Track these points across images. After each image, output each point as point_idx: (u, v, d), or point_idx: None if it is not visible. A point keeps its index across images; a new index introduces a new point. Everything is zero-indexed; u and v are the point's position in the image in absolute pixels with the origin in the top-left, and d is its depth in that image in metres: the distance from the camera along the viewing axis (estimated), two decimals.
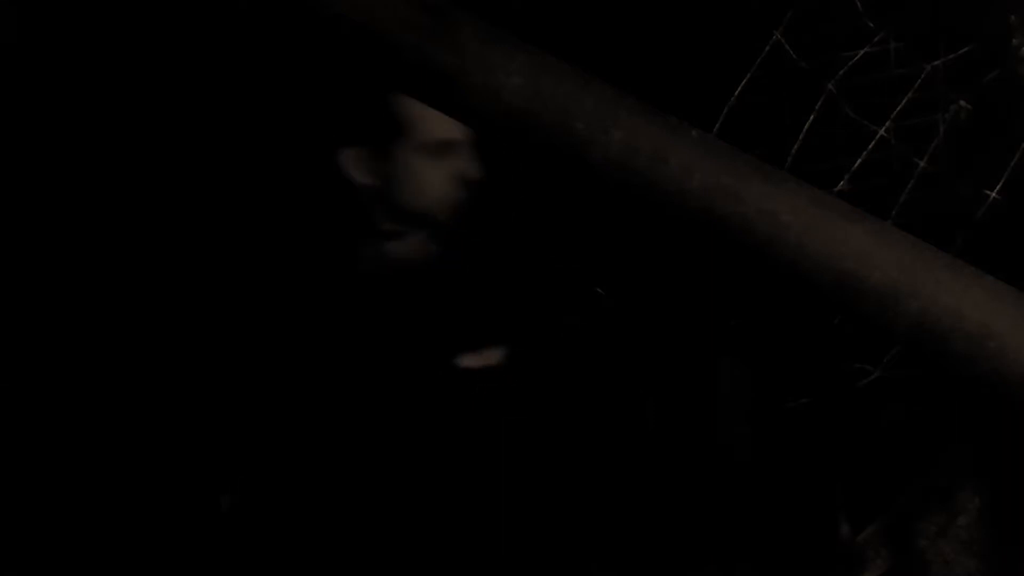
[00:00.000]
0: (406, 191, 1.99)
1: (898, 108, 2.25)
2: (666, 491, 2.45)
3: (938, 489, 2.38)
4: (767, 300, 2.30)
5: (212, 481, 2.05)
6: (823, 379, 2.38)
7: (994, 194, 2.25)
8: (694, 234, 1.82)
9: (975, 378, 1.80)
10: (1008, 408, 1.85)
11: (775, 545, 2.45)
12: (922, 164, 2.25)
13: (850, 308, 1.81)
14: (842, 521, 2.43)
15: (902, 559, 2.38)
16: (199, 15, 2.33)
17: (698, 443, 2.51)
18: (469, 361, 2.23)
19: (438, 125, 1.98)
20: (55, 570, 2.18)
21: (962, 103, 2.29)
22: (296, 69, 2.13)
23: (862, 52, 2.23)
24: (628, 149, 1.76)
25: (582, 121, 1.75)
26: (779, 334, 2.41)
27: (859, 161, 2.22)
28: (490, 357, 2.28)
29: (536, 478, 2.33)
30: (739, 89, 2.14)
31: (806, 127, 2.19)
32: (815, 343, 2.35)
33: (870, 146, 2.24)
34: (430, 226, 2.00)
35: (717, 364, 2.51)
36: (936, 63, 2.26)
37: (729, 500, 2.46)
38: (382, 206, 2.03)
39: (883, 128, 2.24)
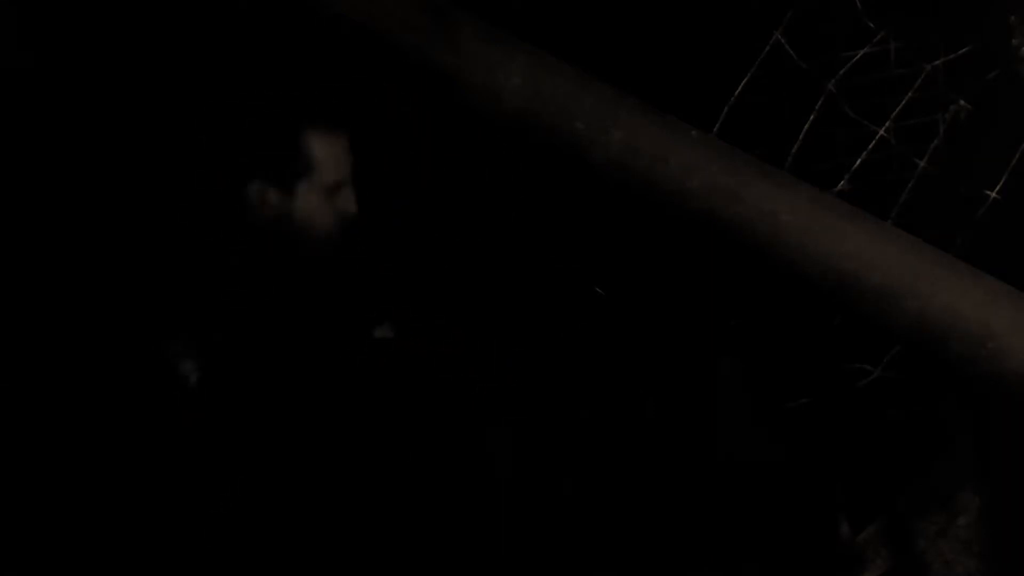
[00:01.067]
0: (298, 227, 2.10)
1: (898, 108, 2.25)
2: (666, 491, 2.45)
3: (938, 489, 2.38)
4: (767, 300, 2.30)
5: (211, 481, 2.05)
6: (823, 379, 2.38)
7: (994, 194, 2.25)
8: (694, 234, 1.82)
9: (975, 378, 1.80)
10: (1008, 408, 1.85)
11: (775, 545, 2.45)
12: (922, 164, 2.25)
13: (850, 308, 1.82)
14: (842, 521, 2.43)
15: (902, 559, 2.38)
16: (199, 15, 2.33)
17: (698, 443, 2.51)
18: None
19: (333, 168, 2.07)
20: (55, 570, 2.18)
21: (962, 103, 2.29)
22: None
23: (862, 52, 2.23)
24: (628, 149, 1.76)
25: (582, 121, 1.75)
26: (779, 334, 2.41)
27: (859, 161, 2.22)
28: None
29: (537, 478, 2.33)
30: (739, 89, 2.15)
31: (806, 127, 2.19)
32: (815, 343, 2.35)
33: (870, 146, 2.24)
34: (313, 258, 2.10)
35: (717, 364, 2.51)
36: (936, 63, 2.26)
37: (729, 500, 2.46)
38: (275, 238, 2.11)
39: (883, 128, 2.24)
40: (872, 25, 2.22)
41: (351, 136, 2.18)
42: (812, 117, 2.20)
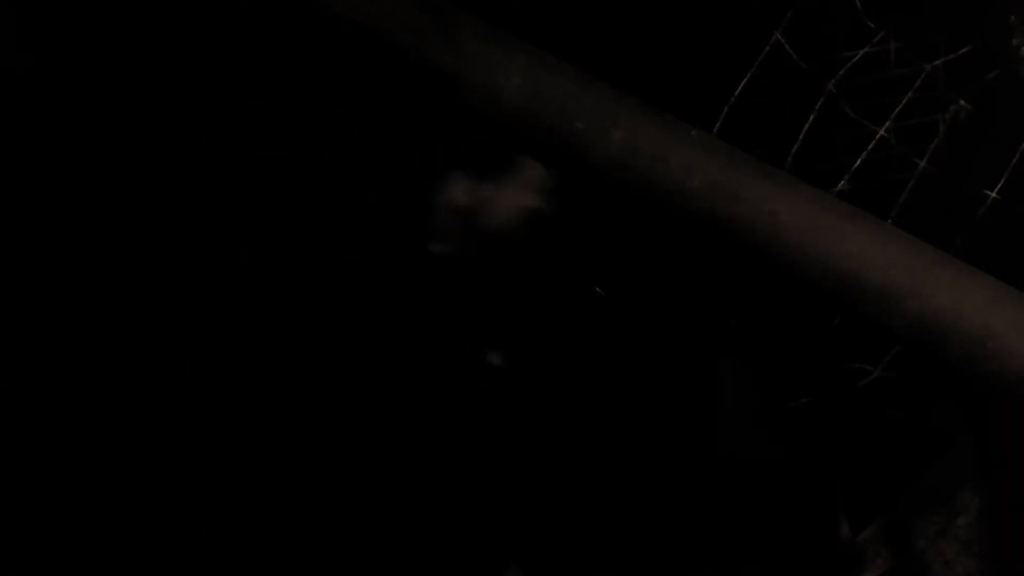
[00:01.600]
0: (491, 217, 2.14)
1: (898, 108, 2.25)
2: (666, 491, 2.45)
3: (938, 489, 2.38)
4: (767, 300, 2.30)
5: (211, 481, 2.06)
6: (823, 379, 2.38)
7: (994, 194, 2.25)
8: (694, 234, 1.82)
9: (975, 378, 1.80)
10: (1008, 408, 1.85)
11: (775, 545, 2.45)
12: (922, 164, 2.25)
13: (850, 308, 1.82)
14: (842, 521, 2.43)
15: (902, 559, 2.38)
16: (200, 15, 2.33)
17: (698, 443, 2.51)
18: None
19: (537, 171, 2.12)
20: (55, 570, 2.18)
21: (962, 103, 2.29)
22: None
23: (862, 52, 2.23)
24: (628, 149, 1.76)
25: (582, 121, 1.75)
26: (779, 334, 2.41)
27: (859, 161, 2.22)
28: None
29: (537, 478, 2.33)
30: (739, 89, 2.14)
31: (806, 127, 2.19)
32: (815, 343, 2.35)
33: (870, 146, 2.24)
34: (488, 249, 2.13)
35: (717, 364, 2.51)
36: (936, 63, 2.26)
37: (729, 500, 2.46)
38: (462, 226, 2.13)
39: (883, 128, 2.24)
40: (872, 25, 2.22)
41: (354, 135, 2.19)
42: (812, 117, 2.20)
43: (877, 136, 2.24)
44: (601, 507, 2.40)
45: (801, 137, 2.18)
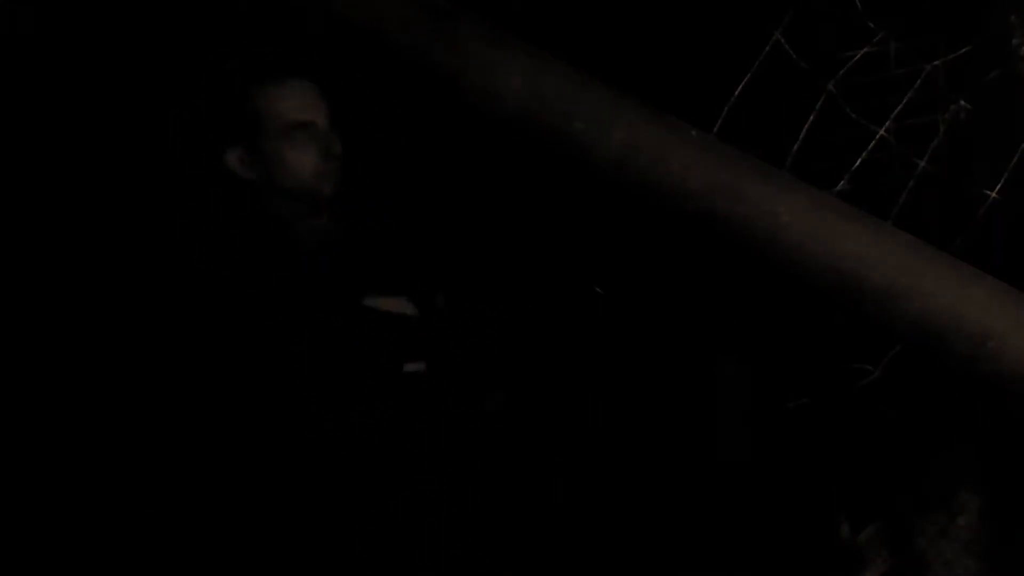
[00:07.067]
0: (280, 174, 2.11)
1: (898, 108, 2.25)
2: (665, 491, 2.45)
3: (938, 489, 2.38)
4: (767, 300, 2.30)
5: (210, 482, 2.06)
6: (823, 379, 2.38)
7: (994, 194, 2.25)
8: (694, 234, 1.82)
9: (975, 378, 1.80)
10: (1008, 408, 1.85)
11: (775, 545, 2.45)
12: (922, 164, 2.25)
13: (850, 308, 1.81)
14: (842, 521, 2.44)
15: (902, 559, 2.38)
16: (199, 15, 2.33)
17: (698, 443, 2.51)
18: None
19: (290, 110, 2.08)
20: (55, 570, 2.19)
21: (962, 103, 2.29)
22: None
23: (862, 52, 2.23)
24: (628, 149, 1.76)
25: (582, 121, 1.75)
26: (779, 334, 2.41)
27: (859, 161, 2.22)
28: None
29: (536, 478, 2.33)
30: (739, 89, 2.14)
31: (806, 127, 2.19)
32: (815, 343, 2.35)
33: (870, 146, 2.24)
34: (313, 200, 2.09)
35: (717, 364, 2.51)
36: (936, 63, 2.26)
37: (729, 500, 2.46)
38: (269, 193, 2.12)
39: (883, 128, 2.24)
40: (872, 25, 2.22)
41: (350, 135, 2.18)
42: (812, 117, 2.20)
43: (877, 136, 2.24)
44: (601, 506, 2.40)
45: (801, 137, 2.18)
